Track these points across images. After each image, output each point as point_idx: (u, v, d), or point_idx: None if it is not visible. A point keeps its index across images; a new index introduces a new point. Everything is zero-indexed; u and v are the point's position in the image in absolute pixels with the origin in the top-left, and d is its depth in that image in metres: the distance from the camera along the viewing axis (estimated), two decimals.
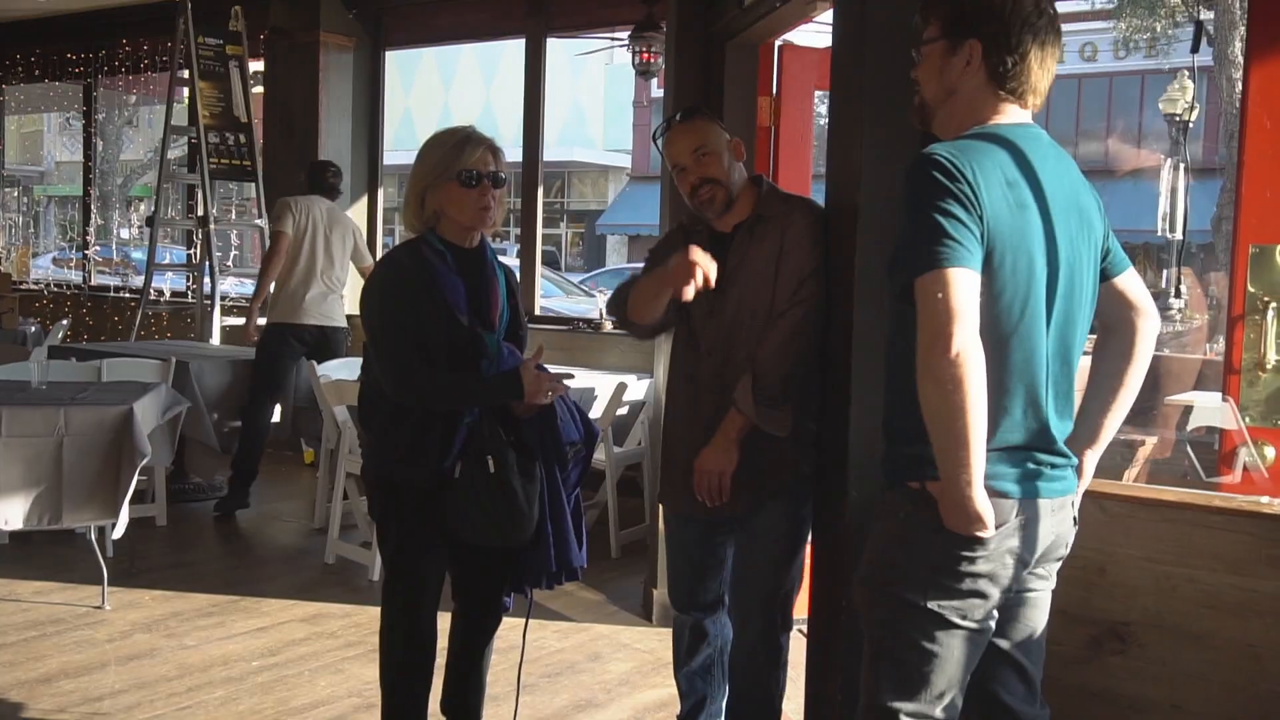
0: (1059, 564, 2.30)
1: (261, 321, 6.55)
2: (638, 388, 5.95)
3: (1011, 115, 2.23)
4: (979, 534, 2.07)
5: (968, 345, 1.96)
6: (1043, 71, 2.22)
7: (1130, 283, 2.37)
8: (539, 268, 7.93)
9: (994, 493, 2.07)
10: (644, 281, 3.09)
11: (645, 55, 7.67)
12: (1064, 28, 2.31)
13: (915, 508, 2.15)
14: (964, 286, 1.99)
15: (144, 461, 4.59)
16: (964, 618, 2.15)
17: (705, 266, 2.79)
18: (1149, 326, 2.38)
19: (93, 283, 10.93)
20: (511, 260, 8.28)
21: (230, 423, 6.34)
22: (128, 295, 10.26)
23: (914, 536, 2.16)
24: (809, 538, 3.12)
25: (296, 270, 6.41)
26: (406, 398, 2.92)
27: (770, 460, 2.98)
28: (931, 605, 2.14)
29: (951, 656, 2.17)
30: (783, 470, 3.00)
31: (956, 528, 2.07)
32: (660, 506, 3.80)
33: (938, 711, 2.19)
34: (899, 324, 2.20)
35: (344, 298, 6.62)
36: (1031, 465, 2.16)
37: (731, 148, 3.06)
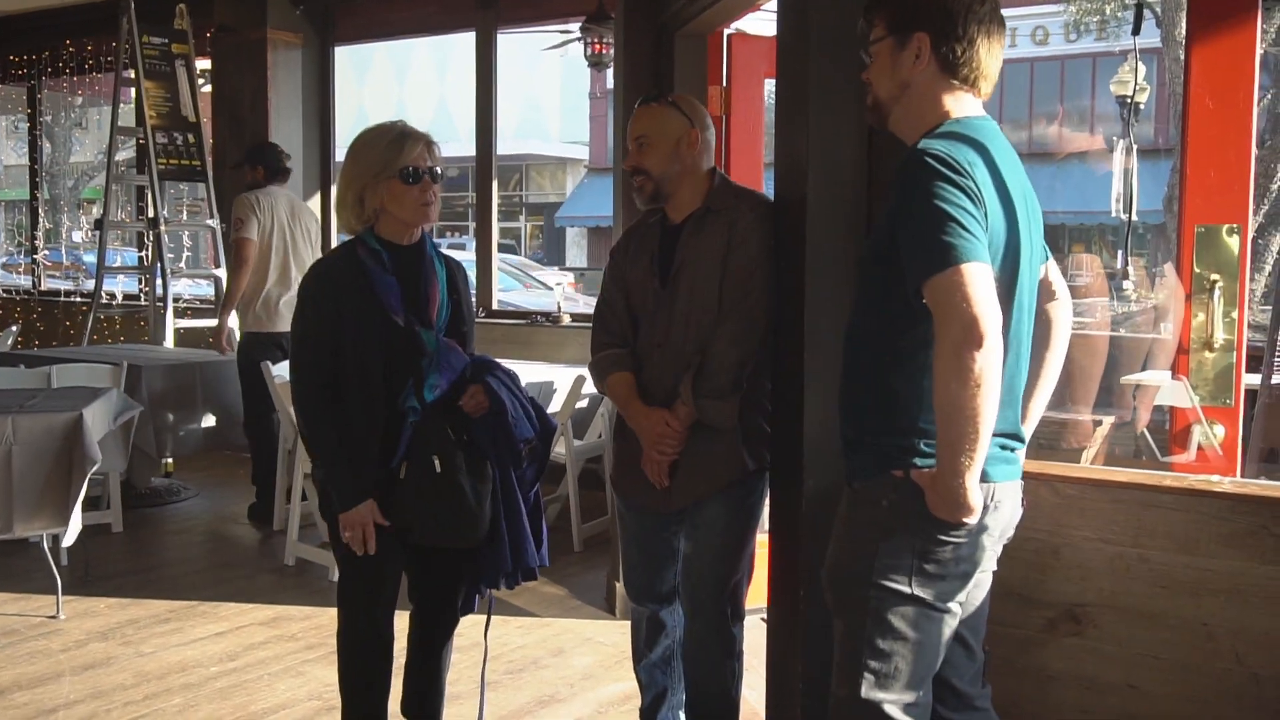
0: (1001, 546, 2.33)
1: (234, 324, 6.38)
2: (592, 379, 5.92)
3: (968, 106, 2.27)
4: (966, 520, 2.09)
5: (996, 340, 1.99)
6: (990, 58, 2.26)
7: (1051, 272, 2.45)
8: (495, 261, 7.89)
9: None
10: (622, 406, 3.10)
11: (597, 46, 7.65)
12: (1016, 12, 2.35)
13: (899, 496, 2.17)
14: (985, 280, 2.02)
15: (94, 468, 4.53)
16: (943, 601, 2.19)
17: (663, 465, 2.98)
18: (1065, 312, 2.47)
19: (43, 287, 10.77)
20: (469, 255, 8.24)
21: (185, 426, 6.27)
22: (79, 299, 10.12)
23: (898, 524, 2.18)
24: (757, 528, 3.11)
25: (269, 275, 6.14)
26: (297, 414, 2.98)
27: (714, 455, 2.98)
28: (917, 590, 2.17)
29: (931, 642, 2.21)
30: (727, 465, 3.00)
31: (945, 515, 2.10)
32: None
33: (914, 698, 2.22)
34: (881, 318, 2.21)
35: None
36: (1000, 450, 2.21)
37: (686, 139, 3.04)
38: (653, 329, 3.06)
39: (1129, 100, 12.43)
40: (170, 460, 6.79)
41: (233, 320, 6.45)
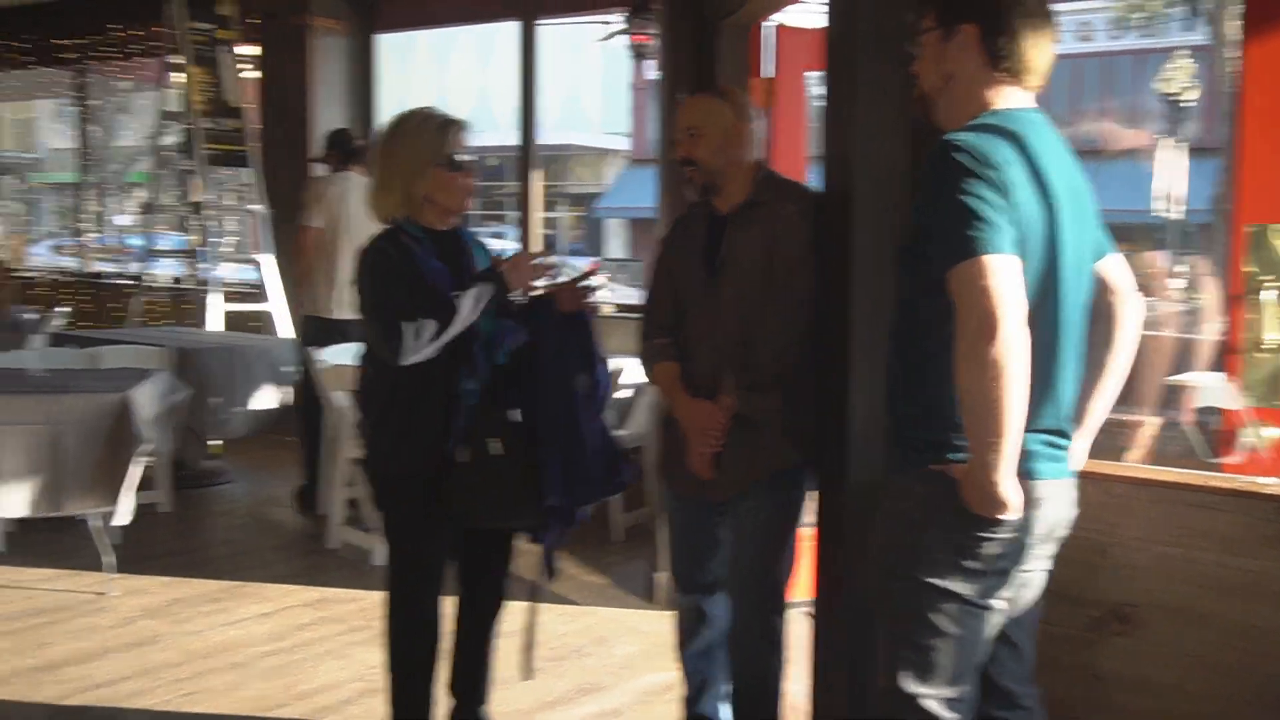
0: (1055, 545, 2.32)
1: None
2: (640, 370, 5.93)
3: (1013, 98, 2.25)
4: (1003, 516, 2.08)
5: (1015, 333, 1.97)
6: (1038, 50, 2.25)
7: (1114, 267, 2.40)
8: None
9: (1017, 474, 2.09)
10: (668, 397, 3.13)
11: (640, 37, 7.64)
12: (1061, 8, 2.33)
13: (934, 490, 2.16)
14: (1008, 272, 2.01)
15: (145, 448, 4.60)
16: (984, 598, 2.18)
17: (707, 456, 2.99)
18: (1131, 311, 2.42)
19: (90, 269, 10.91)
20: (512, 245, 8.27)
21: (230, 409, 6.33)
22: (125, 282, 10.24)
23: (934, 519, 2.17)
24: (802, 520, 3.12)
25: (335, 261, 5.95)
26: (412, 357, 2.85)
27: (758, 447, 2.99)
28: (953, 587, 2.16)
29: (971, 638, 2.20)
30: (771, 457, 3.00)
31: (981, 510, 2.09)
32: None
33: (956, 693, 2.21)
34: (917, 311, 2.21)
35: None
36: (1045, 446, 2.20)
37: (734, 131, 3.05)
38: (699, 320, 3.07)
39: (1175, 98, 12.30)
40: (220, 442, 6.86)
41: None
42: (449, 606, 3.17)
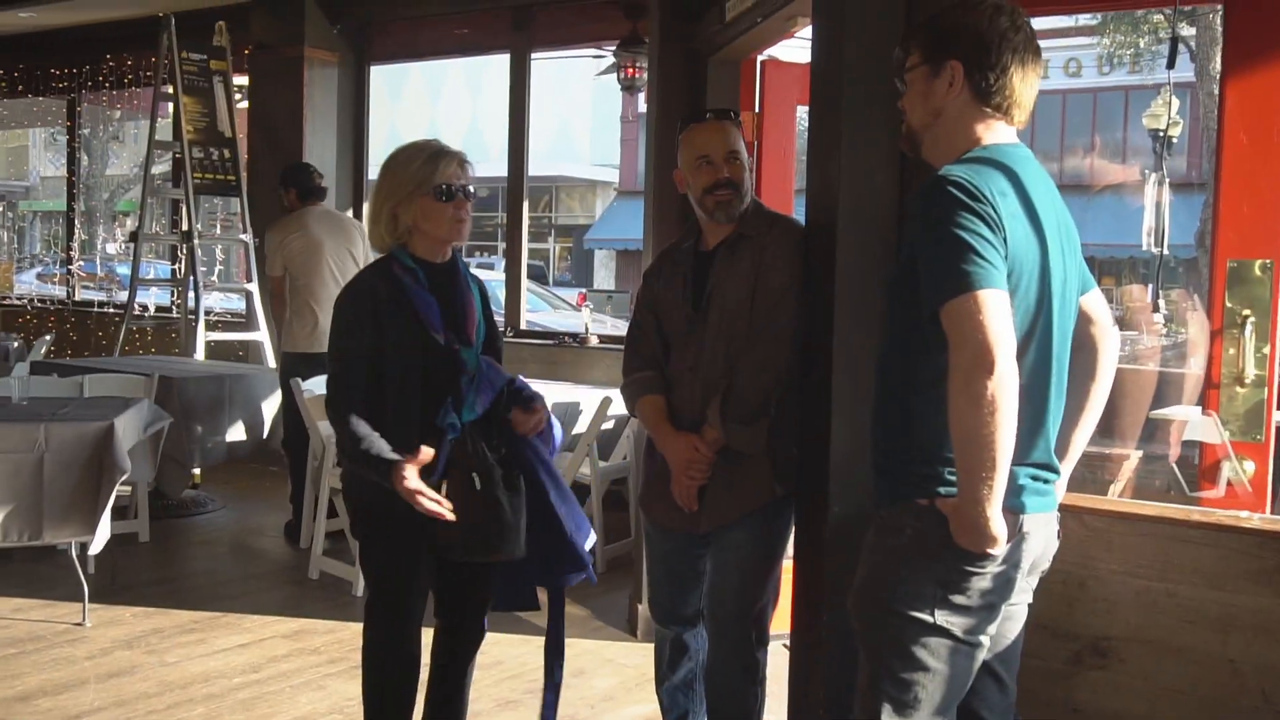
0: (1038, 578, 2.31)
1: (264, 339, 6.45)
2: (623, 402, 5.93)
3: (1000, 133, 2.26)
4: (991, 551, 2.08)
5: (1008, 368, 1.98)
6: (1025, 86, 2.26)
7: (1095, 301, 2.42)
8: (524, 282, 7.93)
9: (1004, 508, 2.08)
10: (652, 430, 3.12)
11: (630, 70, 7.70)
12: (1048, 44, 2.35)
13: (923, 524, 2.15)
14: (1000, 307, 2.01)
15: (124, 477, 4.58)
16: (969, 633, 2.17)
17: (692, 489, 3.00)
18: (1111, 343, 2.43)
19: (77, 298, 10.89)
20: (498, 275, 8.28)
21: (213, 438, 6.31)
22: (112, 310, 10.23)
23: (921, 553, 2.16)
24: (785, 553, 3.11)
25: (310, 300, 6.02)
26: (334, 424, 2.93)
27: (743, 479, 2.99)
28: (940, 621, 2.15)
29: (953, 673, 2.18)
30: (756, 490, 3.00)
31: (970, 545, 2.08)
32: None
33: None
34: (905, 344, 2.21)
35: None
36: (1031, 480, 2.19)
37: (750, 161, 3.09)
38: (684, 353, 3.07)
39: (1162, 134, 12.39)
40: (198, 471, 6.83)
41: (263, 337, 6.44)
42: (428, 637, 3.14)
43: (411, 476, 2.79)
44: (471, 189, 3.02)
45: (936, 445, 2.12)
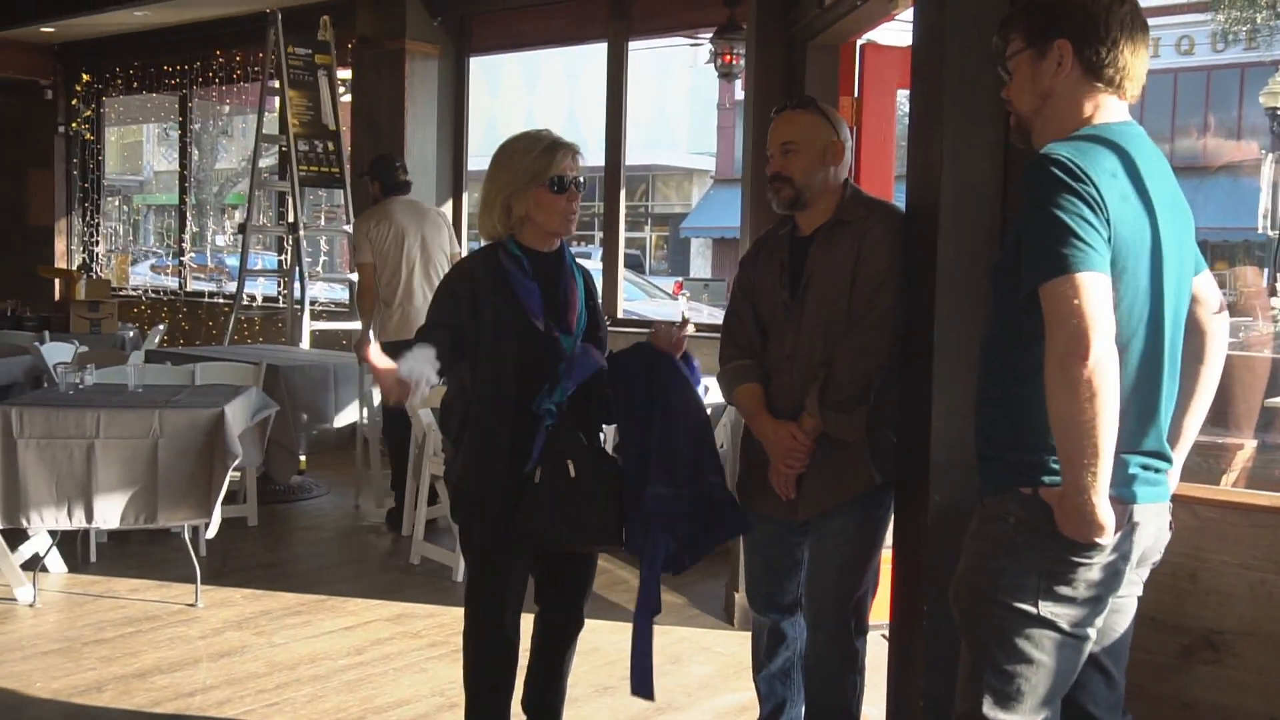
0: (1149, 570, 2.25)
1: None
2: (719, 390, 5.92)
3: (1112, 111, 2.20)
4: (1099, 541, 2.03)
5: (1106, 352, 1.93)
6: (1135, 59, 2.20)
7: (1204, 283, 2.34)
8: (621, 271, 7.96)
9: (1111, 498, 2.03)
10: (750, 418, 3.11)
11: (727, 57, 7.66)
12: (1159, 21, 2.29)
13: (1027, 513, 2.11)
14: (1099, 291, 1.97)
15: (235, 462, 4.71)
16: (1072, 624, 2.12)
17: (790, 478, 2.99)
18: (1220, 327, 2.36)
19: (188, 288, 11.22)
20: (595, 264, 8.32)
21: (319, 425, 6.45)
22: (221, 300, 10.52)
23: (1026, 542, 2.12)
24: (884, 541, 3.08)
25: (398, 288, 6.14)
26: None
27: (841, 467, 2.96)
28: (1043, 611, 2.11)
29: (1057, 665, 2.14)
30: (854, 478, 2.97)
31: (1075, 534, 2.04)
32: None
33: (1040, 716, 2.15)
34: (1010, 329, 2.17)
35: None
36: (1142, 470, 2.14)
37: (831, 148, 3.03)
38: (782, 340, 3.05)
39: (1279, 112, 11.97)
40: (304, 458, 6.99)
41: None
42: (529, 624, 3.18)
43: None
44: (583, 180, 3.03)
45: (1040, 432, 2.07)
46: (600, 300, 3.21)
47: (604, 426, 3.15)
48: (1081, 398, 1.92)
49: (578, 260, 3.18)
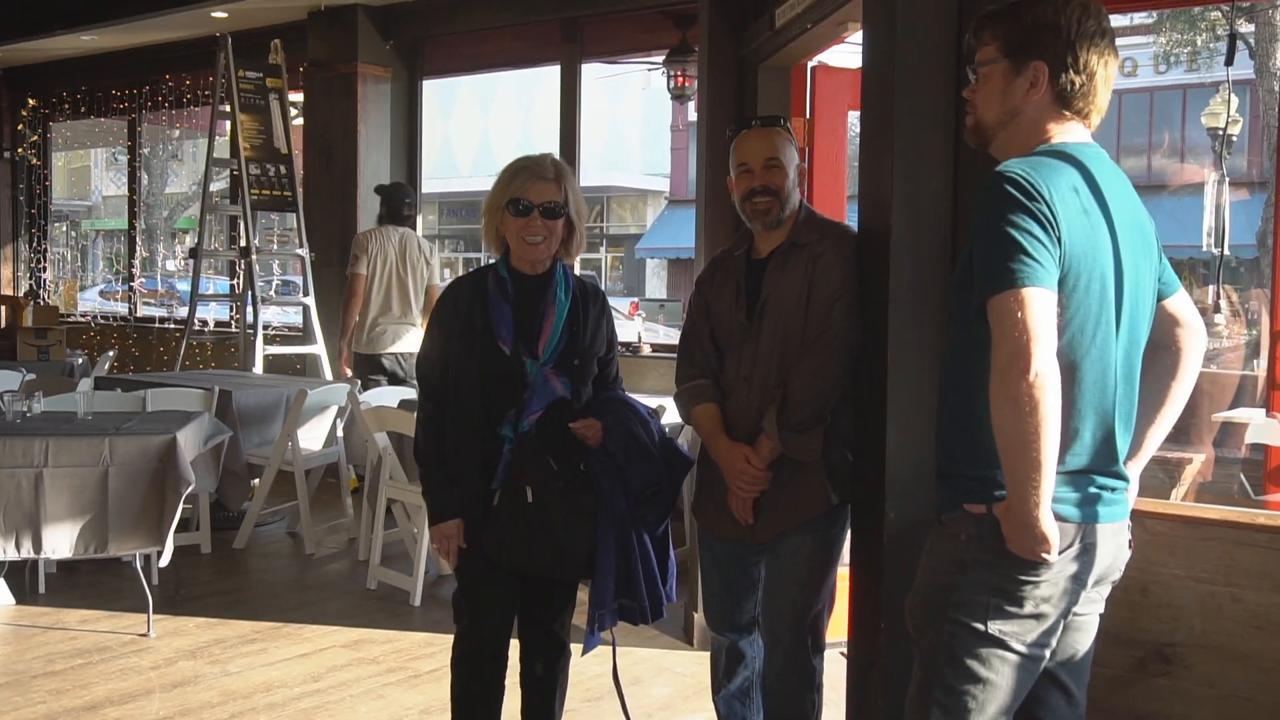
0: (1110, 588, 2.26)
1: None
2: (675, 411, 5.93)
3: (1075, 133, 2.21)
4: (1044, 556, 2.04)
5: (1046, 366, 1.95)
6: (1106, 89, 2.21)
7: (1181, 303, 2.35)
8: None
9: (1058, 517, 2.04)
10: (707, 439, 3.10)
11: (680, 79, 7.70)
12: None
13: (979, 531, 2.12)
14: (1042, 306, 1.98)
15: (188, 490, 4.65)
16: (1022, 643, 2.12)
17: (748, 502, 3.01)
18: (1197, 345, 2.36)
19: (138, 314, 11.10)
20: None
21: (268, 449, 6.38)
22: (172, 326, 10.40)
23: (975, 560, 2.13)
24: (839, 560, 3.09)
25: (372, 304, 6.84)
26: (416, 426, 3.10)
27: (798, 489, 2.97)
28: (992, 630, 2.11)
29: (1005, 684, 2.14)
30: (811, 500, 2.98)
31: (1021, 551, 2.05)
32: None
33: None
34: (966, 344, 2.17)
35: (420, 325, 6.99)
36: (1094, 489, 2.14)
37: (799, 168, 3.06)
38: (739, 362, 3.06)
39: (1221, 133, 12.19)
40: (257, 483, 6.91)
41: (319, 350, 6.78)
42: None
43: (450, 531, 3.00)
44: (561, 206, 2.99)
45: (993, 448, 2.07)
46: (604, 326, 3.13)
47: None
48: (1023, 411, 1.93)
49: (587, 284, 3.13)
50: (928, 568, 2.25)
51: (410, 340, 6.86)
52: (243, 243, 8.03)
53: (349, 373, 7.01)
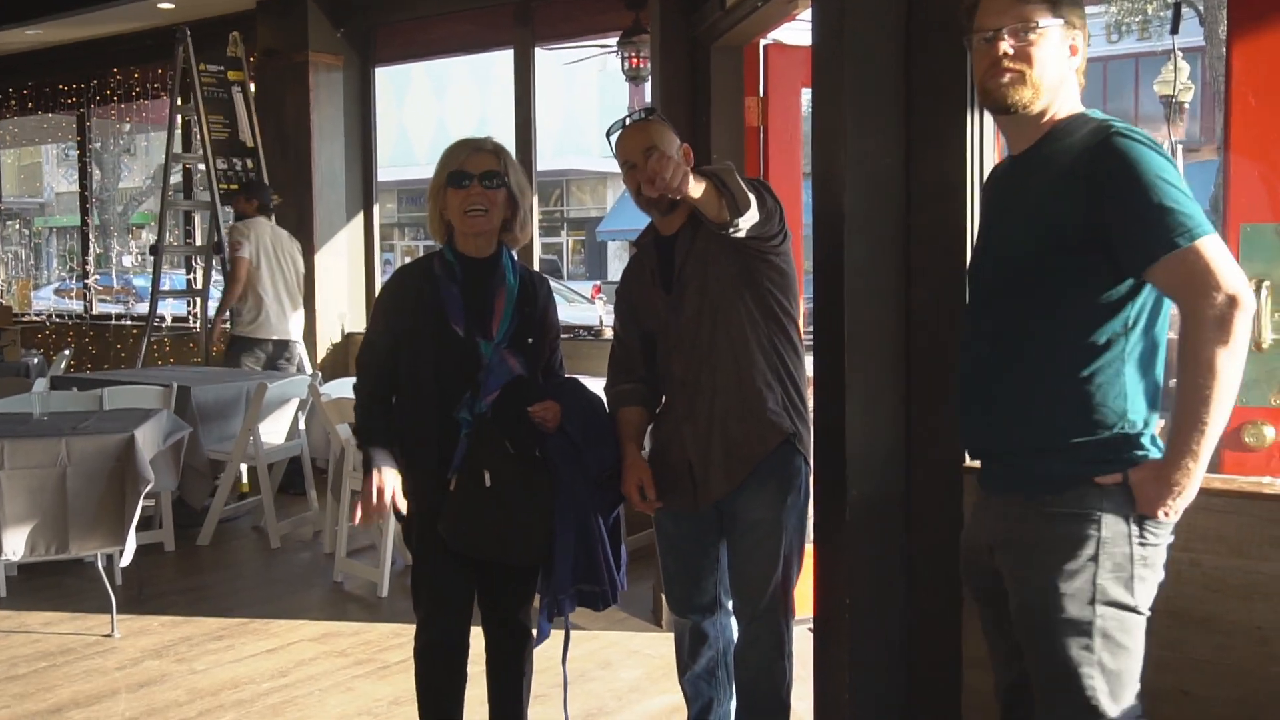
0: None
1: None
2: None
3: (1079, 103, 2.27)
4: (1183, 505, 2.09)
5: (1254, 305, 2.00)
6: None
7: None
8: None
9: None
10: (623, 444, 3.12)
11: (634, 61, 7.67)
12: None
13: (1111, 504, 2.12)
14: (1225, 249, 2.01)
15: (148, 488, 4.60)
16: (1149, 606, 2.16)
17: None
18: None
19: (94, 312, 10.96)
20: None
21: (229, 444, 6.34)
22: (129, 323, 10.29)
23: (1115, 535, 2.12)
24: (804, 530, 3.10)
25: (255, 289, 7.25)
26: (355, 410, 3.09)
27: (744, 433, 2.97)
28: (1139, 603, 2.14)
29: (1143, 648, 2.18)
30: (757, 444, 2.97)
31: (1162, 509, 2.08)
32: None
33: (1140, 709, 2.20)
34: (1082, 312, 2.13)
35: (299, 311, 7.50)
36: (1154, 446, 2.19)
37: (681, 153, 3.05)
38: (668, 337, 3.08)
39: (1173, 100, 12.29)
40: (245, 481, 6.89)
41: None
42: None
43: (379, 485, 2.94)
44: (501, 176, 2.96)
45: (1120, 412, 2.11)
46: (550, 311, 3.14)
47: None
48: (1238, 353, 1.97)
49: (532, 270, 3.15)
50: (1057, 558, 2.14)
51: (289, 328, 7.41)
52: (214, 238, 7.94)
53: (220, 349, 7.50)
